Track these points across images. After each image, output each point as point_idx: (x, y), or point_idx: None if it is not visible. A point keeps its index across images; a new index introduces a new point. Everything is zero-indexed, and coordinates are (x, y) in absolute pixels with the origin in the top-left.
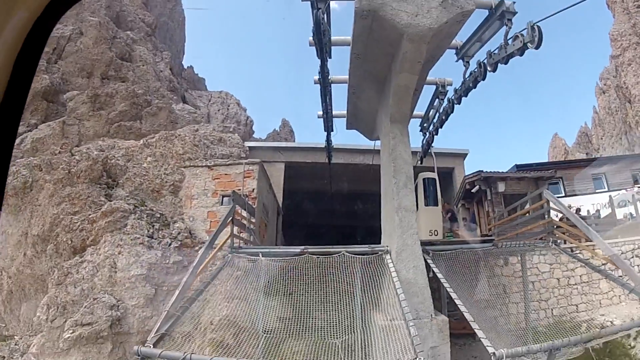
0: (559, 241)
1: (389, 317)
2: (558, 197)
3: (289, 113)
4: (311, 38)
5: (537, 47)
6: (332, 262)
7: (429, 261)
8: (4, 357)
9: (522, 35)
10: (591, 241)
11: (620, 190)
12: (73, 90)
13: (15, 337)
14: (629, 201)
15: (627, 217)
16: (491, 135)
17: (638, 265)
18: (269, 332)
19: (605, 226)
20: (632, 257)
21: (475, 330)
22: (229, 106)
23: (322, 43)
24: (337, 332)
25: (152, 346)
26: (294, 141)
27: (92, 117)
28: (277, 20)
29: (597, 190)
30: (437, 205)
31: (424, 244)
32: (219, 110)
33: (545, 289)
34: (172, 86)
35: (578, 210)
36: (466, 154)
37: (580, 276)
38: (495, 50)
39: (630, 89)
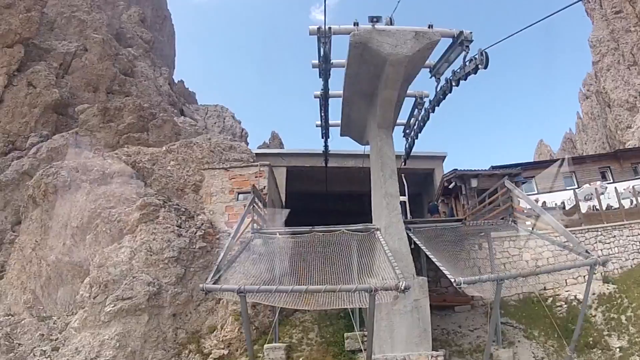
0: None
1: (380, 277)
2: (530, 194)
3: (277, 121)
4: (315, 61)
5: (485, 67)
6: (334, 238)
7: (411, 234)
8: (42, 334)
9: (475, 58)
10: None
11: (584, 186)
12: (80, 103)
13: (52, 317)
14: (592, 194)
15: (592, 208)
16: (481, 143)
17: (601, 250)
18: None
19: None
20: (595, 242)
21: (440, 267)
22: (224, 119)
23: (326, 69)
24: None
25: (212, 284)
26: None
27: (102, 129)
28: (265, 32)
29: (567, 188)
30: None
31: (406, 222)
32: (215, 123)
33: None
34: (172, 100)
35: (544, 203)
36: (445, 156)
37: (547, 259)
38: (457, 69)
39: (609, 93)
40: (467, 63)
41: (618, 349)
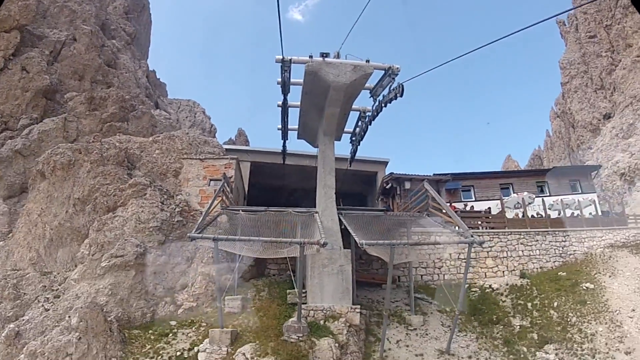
0: (430, 214)
1: (315, 247)
2: (469, 201)
3: (244, 118)
4: (279, 79)
5: (401, 96)
6: (283, 216)
7: (341, 218)
8: (45, 285)
9: (395, 88)
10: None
11: (512, 195)
12: (67, 90)
13: (53, 272)
14: (519, 203)
15: (519, 215)
16: (453, 154)
17: (522, 250)
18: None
19: (496, 219)
20: (517, 244)
21: (351, 233)
22: (195, 114)
23: (286, 89)
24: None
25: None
26: None
27: (88, 116)
28: (241, 30)
29: (503, 197)
30: None
31: (338, 208)
32: (187, 117)
33: (440, 260)
34: (148, 93)
35: (472, 207)
36: (387, 162)
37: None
38: (385, 94)
39: (574, 114)
40: (391, 91)
41: (518, 326)
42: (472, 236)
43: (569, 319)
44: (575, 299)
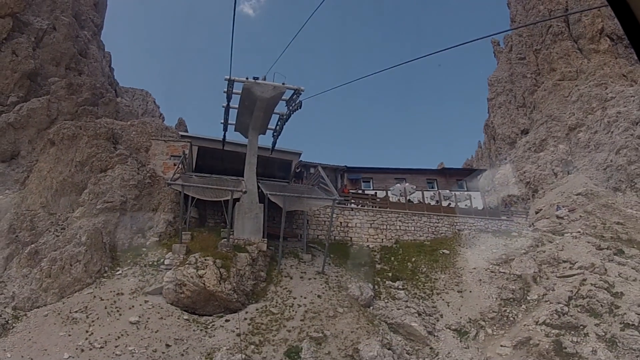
0: (320, 187)
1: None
2: (368, 189)
3: (185, 105)
4: (225, 89)
5: (300, 109)
6: (222, 182)
7: (259, 184)
8: (52, 222)
9: (298, 103)
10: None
11: (396, 185)
12: (45, 75)
13: (57, 213)
14: (402, 191)
15: (401, 200)
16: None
17: (399, 226)
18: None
19: (382, 201)
20: (396, 220)
21: (263, 189)
22: (147, 103)
23: (229, 97)
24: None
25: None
26: None
27: (66, 100)
28: (188, 18)
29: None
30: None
31: (258, 178)
32: (139, 105)
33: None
34: (110, 81)
35: (363, 191)
36: (300, 153)
37: (355, 222)
38: (291, 106)
39: (495, 128)
40: (296, 104)
41: (380, 268)
42: (335, 197)
43: (420, 269)
44: (431, 258)
